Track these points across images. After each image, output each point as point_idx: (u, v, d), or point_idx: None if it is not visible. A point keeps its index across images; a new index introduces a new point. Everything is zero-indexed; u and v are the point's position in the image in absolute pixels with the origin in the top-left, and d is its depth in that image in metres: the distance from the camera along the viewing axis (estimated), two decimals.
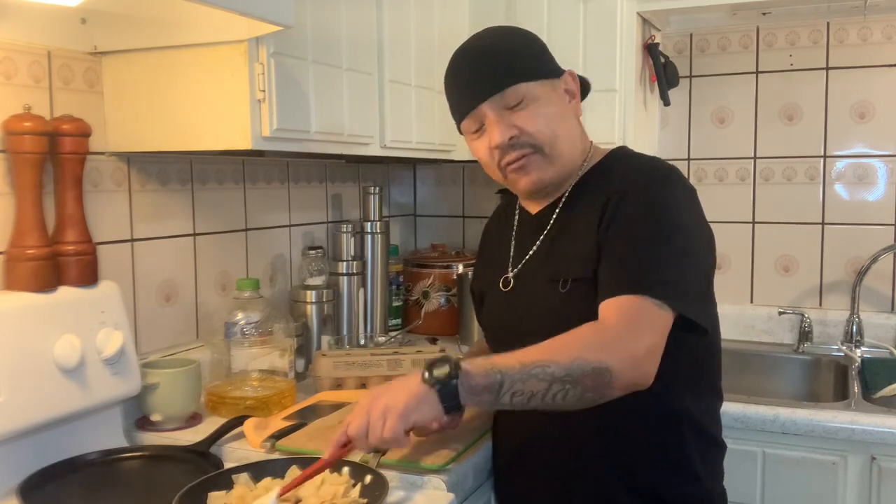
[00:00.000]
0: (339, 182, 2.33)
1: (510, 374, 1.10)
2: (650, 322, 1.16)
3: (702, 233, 1.29)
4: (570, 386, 1.11)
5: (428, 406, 1.11)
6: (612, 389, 1.13)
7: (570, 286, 1.28)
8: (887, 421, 1.72)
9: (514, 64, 1.30)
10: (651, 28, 2.32)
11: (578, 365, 1.11)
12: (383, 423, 1.11)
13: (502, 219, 1.52)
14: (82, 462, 1.34)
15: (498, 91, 1.29)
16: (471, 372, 1.11)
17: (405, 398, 1.11)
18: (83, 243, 1.42)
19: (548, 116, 1.30)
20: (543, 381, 1.10)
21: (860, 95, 2.34)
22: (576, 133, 1.37)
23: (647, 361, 1.14)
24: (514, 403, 1.11)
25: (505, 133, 1.29)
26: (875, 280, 2.33)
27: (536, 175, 1.33)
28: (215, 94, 1.44)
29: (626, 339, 1.14)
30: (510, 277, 1.42)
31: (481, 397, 1.11)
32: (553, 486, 1.36)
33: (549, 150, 1.31)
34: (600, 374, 1.11)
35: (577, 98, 1.38)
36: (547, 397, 1.11)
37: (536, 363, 1.11)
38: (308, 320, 1.97)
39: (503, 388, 1.10)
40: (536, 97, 1.30)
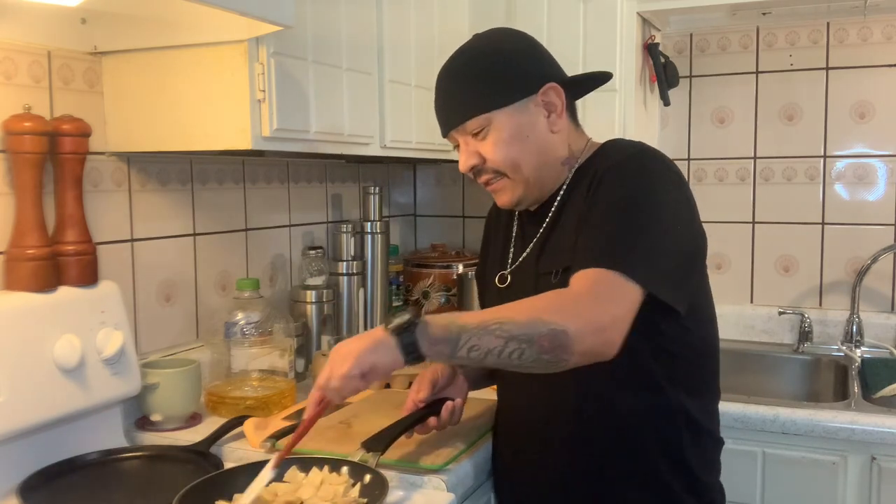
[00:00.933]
0: (339, 182, 2.33)
1: (468, 328, 1.12)
2: (617, 294, 1.16)
3: (681, 212, 1.27)
4: (526, 345, 1.11)
5: (385, 350, 1.12)
6: (570, 354, 1.12)
7: (562, 276, 1.28)
8: (887, 421, 1.72)
9: (477, 95, 1.32)
10: (651, 28, 2.32)
11: (535, 325, 1.11)
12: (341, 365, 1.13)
13: (502, 214, 1.52)
14: (82, 462, 1.34)
15: (460, 123, 1.34)
16: (430, 323, 1.13)
17: (365, 342, 1.14)
18: (83, 243, 1.42)
19: (507, 143, 1.32)
20: (500, 339, 1.11)
21: (860, 95, 2.34)
22: (547, 147, 1.35)
23: (610, 330, 1.14)
24: (472, 358, 1.13)
25: (468, 161, 1.35)
26: (875, 280, 2.33)
27: (508, 196, 1.38)
28: (215, 94, 1.44)
29: (590, 307, 1.14)
30: (506, 274, 1.43)
31: (439, 348, 1.12)
32: (553, 485, 1.36)
33: (513, 175, 1.34)
34: (556, 335, 1.10)
35: (559, 110, 1.35)
36: (503, 354, 1.12)
37: (495, 320, 1.12)
38: (308, 320, 1.97)
39: (460, 342, 1.12)
40: (498, 125, 1.32)
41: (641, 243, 1.19)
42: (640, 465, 1.30)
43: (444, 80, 1.37)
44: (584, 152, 1.40)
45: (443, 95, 1.37)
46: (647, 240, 1.20)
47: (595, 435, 1.31)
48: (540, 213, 1.40)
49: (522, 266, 1.41)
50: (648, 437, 1.30)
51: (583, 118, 1.43)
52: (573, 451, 1.33)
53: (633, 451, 1.30)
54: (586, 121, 1.44)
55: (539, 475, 1.38)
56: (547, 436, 1.35)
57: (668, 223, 1.24)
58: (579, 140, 1.41)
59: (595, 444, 1.31)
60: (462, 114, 1.33)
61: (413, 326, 1.12)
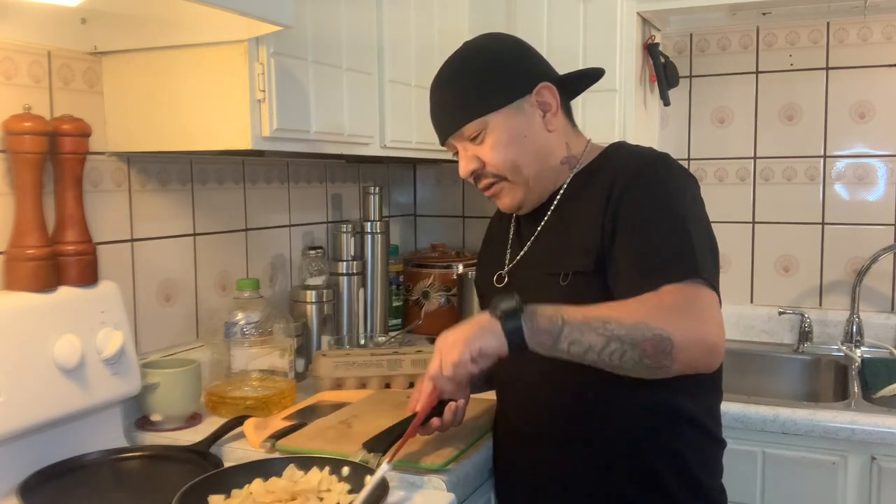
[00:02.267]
0: (339, 182, 2.33)
1: (572, 322, 1.13)
2: (708, 303, 1.17)
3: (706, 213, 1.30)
4: (629, 347, 1.12)
5: (492, 336, 1.14)
6: (672, 362, 1.13)
7: (572, 279, 1.29)
8: (887, 421, 1.72)
9: (471, 100, 1.33)
10: (651, 28, 2.32)
11: (640, 328, 1.12)
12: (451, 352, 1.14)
13: (503, 215, 1.53)
14: (82, 462, 1.34)
15: (457, 129, 1.34)
16: (536, 312, 1.14)
17: (471, 328, 1.15)
18: (83, 243, 1.42)
19: (505, 145, 1.33)
20: (602, 336, 1.12)
21: (860, 95, 2.34)
22: (545, 147, 1.36)
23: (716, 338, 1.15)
24: (572, 353, 1.14)
25: (467, 166, 1.36)
26: (875, 280, 2.33)
27: (509, 199, 1.38)
28: (215, 94, 1.44)
29: (694, 318, 1.15)
30: (504, 273, 1.43)
31: (541, 338, 1.13)
32: (553, 485, 1.36)
33: (512, 177, 1.35)
34: (661, 341, 1.11)
35: (554, 109, 1.36)
36: (604, 353, 1.13)
37: (600, 318, 1.13)
38: (308, 320, 1.97)
39: (563, 334, 1.13)
40: (494, 128, 1.32)
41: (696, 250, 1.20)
42: (640, 466, 1.30)
43: (437, 89, 1.38)
44: (586, 154, 1.40)
45: (437, 104, 1.38)
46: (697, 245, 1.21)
47: (595, 435, 1.31)
48: (537, 213, 1.40)
49: (521, 265, 1.41)
50: (649, 437, 1.30)
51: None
52: (573, 451, 1.33)
53: (634, 452, 1.30)
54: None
55: (539, 476, 1.38)
56: (547, 436, 1.35)
57: (702, 226, 1.26)
58: (578, 140, 1.41)
59: (595, 444, 1.31)
60: (458, 120, 1.34)
61: (519, 313, 1.13)
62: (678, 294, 1.17)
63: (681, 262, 1.19)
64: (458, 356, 1.14)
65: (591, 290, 1.25)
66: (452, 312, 2.38)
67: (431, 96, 1.39)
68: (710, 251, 1.25)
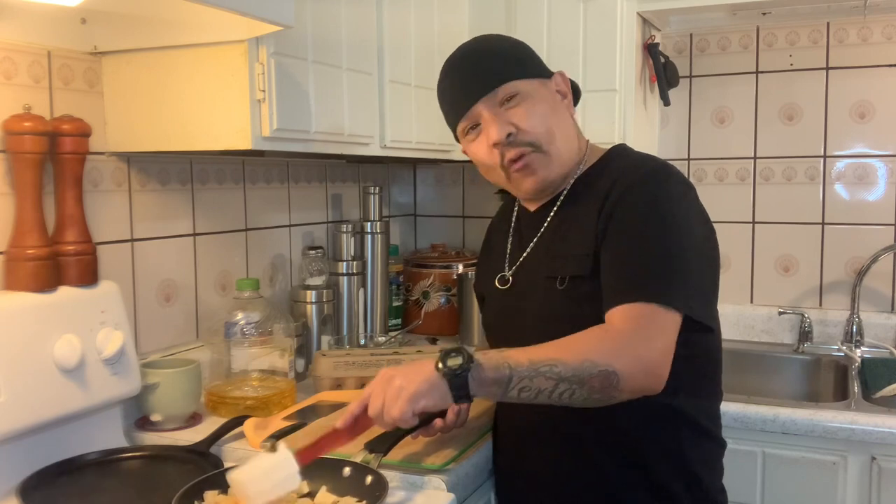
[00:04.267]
0: (339, 182, 2.33)
1: (519, 370, 1.12)
2: (660, 327, 1.17)
3: (703, 228, 1.29)
4: (577, 386, 1.13)
5: (438, 393, 1.13)
6: (620, 392, 1.15)
7: (568, 283, 1.29)
8: (887, 421, 1.72)
9: (505, 63, 1.33)
10: (651, 28, 2.32)
11: (586, 367, 1.12)
12: (395, 404, 1.13)
13: (503, 218, 1.53)
14: (82, 462, 1.34)
15: (491, 89, 1.31)
16: (482, 365, 1.13)
17: (417, 383, 1.13)
18: (83, 243, 1.42)
19: (541, 114, 1.32)
20: (551, 380, 1.12)
21: (860, 95, 2.34)
22: (571, 131, 1.38)
23: (660, 366, 1.16)
24: (522, 398, 1.14)
25: (503, 130, 1.30)
26: (875, 280, 2.33)
27: (542, 174, 1.34)
28: (215, 94, 1.44)
29: (637, 345, 1.15)
30: (507, 276, 1.43)
31: (490, 389, 1.13)
32: (553, 485, 1.36)
33: (548, 147, 1.32)
34: (607, 376, 1.13)
35: (569, 98, 1.39)
36: (553, 395, 1.13)
37: (545, 361, 1.13)
38: (308, 320, 1.97)
39: (511, 383, 1.13)
40: (529, 94, 1.31)
41: (674, 268, 1.20)
42: (640, 467, 1.30)
43: (460, 61, 1.36)
44: (587, 157, 1.40)
45: (469, 68, 1.34)
46: (677, 263, 1.21)
47: (595, 437, 1.31)
48: (539, 215, 1.40)
49: (524, 268, 1.41)
50: (649, 438, 1.30)
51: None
52: (573, 452, 1.33)
53: (634, 453, 1.30)
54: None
55: (539, 476, 1.38)
56: (547, 437, 1.35)
57: (693, 242, 1.25)
58: (582, 139, 1.41)
59: (595, 445, 1.31)
60: (497, 78, 1.31)
61: (465, 371, 1.12)
62: (628, 320, 1.17)
63: (653, 281, 1.19)
64: (398, 413, 1.12)
65: (587, 294, 1.25)
66: (452, 312, 2.38)
67: (454, 69, 1.36)
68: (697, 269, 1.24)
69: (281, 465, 1.11)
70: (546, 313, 1.32)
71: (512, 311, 1.40)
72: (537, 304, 1.34)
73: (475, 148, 1.35)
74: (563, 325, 1.28)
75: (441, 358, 1.14)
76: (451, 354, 1.13)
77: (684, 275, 1.21)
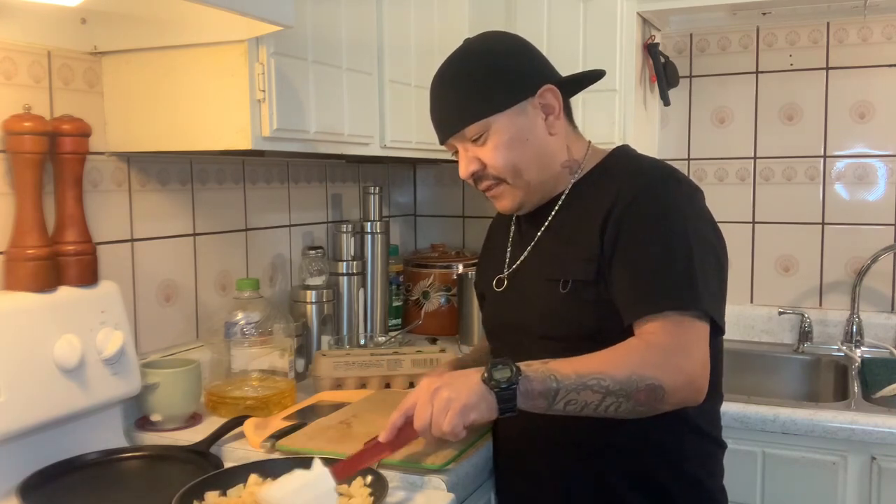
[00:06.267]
0: (339, 182, 2.33)
1: (566, 383, 1.13)
2: (697, 338, 1.18)
3: (713, 231, 1.29)
4: (623, 399, 1.13)
5: (486, 406, 1.13)
6: (664, 405, 1.16)
7: (571, 287, 1.28)
8: (887, 421, 1.72)
9: (472, 100, 1.31)
10: (651, 28, 2.32)
11: (633, 381, 1.13)
12: (444, 416, 1.13)
13: (503, 217, 1.53)
14: (82, 462, 1.34)
15: (458, 130, 1.33)
16: (529, 377, 1.13)
17: (466, 395, 1.13)
18: (83, 243, 1.42)
19: (507, 147, 1.31)
20: (598, 394, 1.13)
21: (860, 95, 2.34)
22: (547, 150, 1.35)
23: (702, 378, 1.17)
24: (567, 411, 1.14)
25: (468, 168, 1.34)
26: (875, 280, 2.33)
27: (508, 202, 1.37)
28: (215, 94, 1.44)
29: (680, 359, 1.16)
30: (504, 277, 1.42)
31: (536, 402, 1.13)
32: (553, 485, 1.36)
33: (513, 180, 1.34)
34: (653, 390, 1.13)
35: (557, 111, 1.35)
36: (600, 409, 1.14)
37: (592, 375, 1.13)
38: (308, 320, 1.97)
39: (558, 397, 1.13)
40: (497, 130, 1.31)
41: (696, 276, 1.20)
42: (640, 468, 1.30)
43: (439, 88, 1.36)
44: (587, 159, 1.39)
45: (438, 103, 1.36)
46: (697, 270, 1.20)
47: (595, 437, 1.30)
48: (538, 217, 1.40)
49: (523, 268, 1.41)
50: (649, 440, 1.29)
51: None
52: (573, 452, 1.33)
53: (634, 455, 1.30)
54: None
55: (539, 476, 1.38)
56: (546, 437, 1.35)
57: (706, 247, 1.25)
58: (579, 143, 1.40)
59: (595, 446, 1.31)
60: (460, 121, 1.32)
61: (514, 383, 1.12)
62: (668, 332, 1.17)
63: (680, 291, 1.19)
64: (449, 427, 1.12)
65: (589, 298, 1.25)
66: (452, 312, 2.38)
67: (432, 95, 1.38)
68: (713, 274, 1.24)
69: (316, 482, 1.08)
70: (547, 316, 1.31)
71: (512, 312, 1.40)
72: (538, 306, 1.34)
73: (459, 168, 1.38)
74: (563, 327, 1.28)
75: (488, 370, 1.13)
76: (498, 367, 1.13)
77: (705, 281, 1.21)
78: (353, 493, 1.17)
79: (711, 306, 1.20)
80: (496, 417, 1.14)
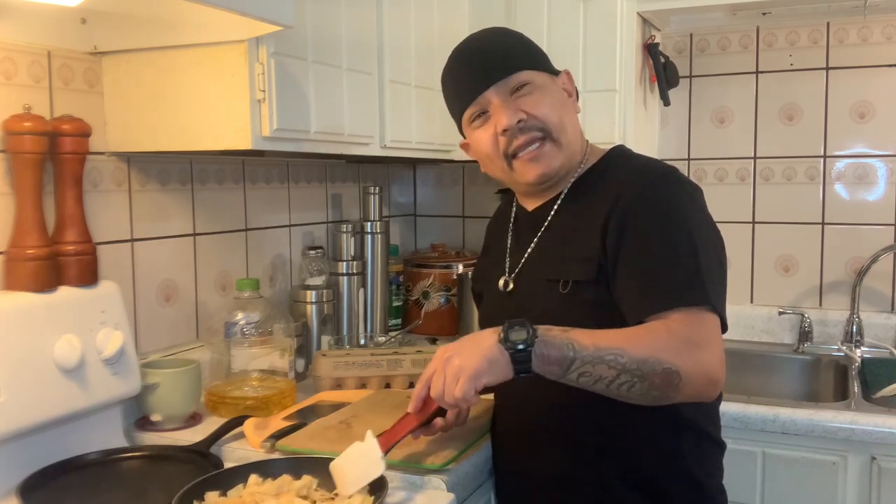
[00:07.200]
0: (339, 182, 2.33)
1: (583, 353, 1.12)
2: (713, 333, 1.17)
3: (715, 230, 1.30)
4: (638, 380, 1.12)
5: (498, 368, 1.12)
6: (678, 394, 1.14)
7: (571, 287, 1.28)
8: (887, 421, 1.72)
9: (518, 53, 1.34)
10: (651, 28, 2.32)
11: (651, 362, 1.12)
12: (456, 384, 1.13)
13: (501, 218, 1.53)
14: (82, 462, 1.34)
15: (504, 76, 1.30)
16: (546, 342, 1.12)
17: (478, 360, 1.12)
18: (83, 243, 1.42)
19: (553, 104, 1.32)
20: (613, 369, 1.12)
21: (860, 95, 2.34)
22: (577, 126, 1.38)
23: (718, 374, 1.16)
24: (580, 383, 1.13)
25: (513, 116, 1.29)
26: (875, 280, 2.33)
27: (547, 163, 1.32)
28: (215, 94, 1.44)
29: (700, 351, 1.15)
30: (509, 279, 1.42)
31: (550, 368, 1.12)
32: (553, 485, 1.36)
33: (558, 136, 1.32)
34: (670, 375, 1.12)
35: (574, 97, 1.40)
36: (612, 385, 1.13)
37: (611, 350, 1.12)
38: (308, 320, 1.97)
39: (573, 366, 1.12)
40: (540, 85, 1.32)
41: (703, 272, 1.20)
42: (640, 469, 1.30)
43: (471, 50, 1.35)
44: (587, 157, 1.39)
45: (481, 55, 1.33)
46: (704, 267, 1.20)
47: (595, 438, 1.31)
48: (538, 214, 1.40)
49: (524, 269, 1.40)
50: (649, 440, 1.30)
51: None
52: (573, 453, 1.33)
53: (634, 455, 1.30)
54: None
55: (539, 476, 1.38)
56: (547, 437, 1.35)
57: (708, 245, 1.25)
58: (582, 140, 1.41)
59: (594, 446, 1.31)
60: (511, 65, 1.31)
61: (530, 345, 1.11)
62: (686, 324, 1.16)
63: (691, 287, 1.18)
64: (461, 392, 1.12)
65: (590, 298, 1.25)
66: (452, 312, 2.38)
67: (465, 54, 1.35)
68: (717, 272, 1.24)
69: (369, 450, 1.16)
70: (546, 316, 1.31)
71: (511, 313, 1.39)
72: (538, 307, 1.33)
73: (479, 135, 1.34)
74: None
75: (505, 330, 1.13)
76: (515, 328, 1.12)
77: (711, 278, 1.21)
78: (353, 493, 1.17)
79: (719, 303, 1.20)
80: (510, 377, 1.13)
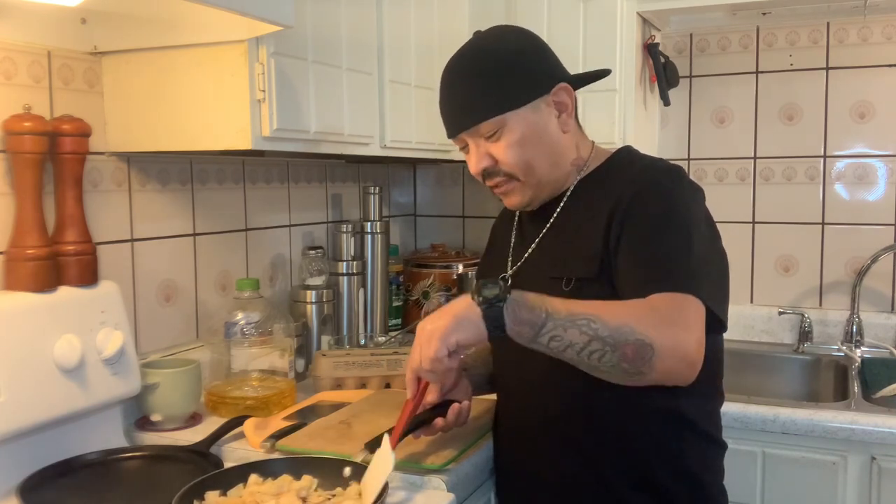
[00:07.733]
0: (339, 182, 2.33)
1: (555, 316, 1.11)
2: (695, 318, 1.16)
3: (715, 231, 1.30)
4: (610, 349, 1.10)
5: (470, 325, 1.11)
6: (651, 370, 1.11)
7: (574, 285, 1.28)
8: (887, 421, 1.72)
9: (487, 97, 1.30)
10: (651, 28, 2.32)
11: (624, 332, 1.10)
12: (428, 346, 1.12)
13: (506, 216, 1.53)
14: (82, 462, 1.34)
15: (473, 125, 1.31)
16: (519, 301, 1.11)
17: (447, 319, 1.12)
18: (83, 243, 1.42)
19: (521, 145, 1.30)
20: (585, 335, 1.10)
21: (860, 95, 2.34)
22: (559, 148, 1.35)
23: (695, 356, 1.14)
24: (551, 347, 1.12)
25: (480, 163, 1.33)
26: (875, 280, 2.33)
27: (518, 198, 1.37)
28: (215, 94, 1.44)
29: (677, 329, 1.13)
30: (508, 276, 1.42)
31: (522, 329, 1.11)
32: (553, 486, 1.36)
33: (524, 178, 1.33)
34: (642, 347, 1.10)
35: (569, 109, 1.35)
36: (583, 352, 1.11)
37: (584, 315, 1.11)
38: (308, 320, 1.97)
39: (545, 329, 1.11)
40: (511, 127, 1.30)
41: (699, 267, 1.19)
42: (640, 469, 1.30)
43: (452, 81, 1.34)
44: (592, 158, 1.39)
45: (451, 96, 1.34)
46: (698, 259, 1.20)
47: (595, 437, 1.31)
48: (541, 215, 1.40)
49: (527, 266, 1.41)
50: (650, 440, 1.30)
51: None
52: (573, 452, 1.33)
53: (634, 454, 1.30)
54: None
55: (539, 476, 1.38)
56: (547, 437, 1.35)
57: (708, 245, 1.25)
58: (584, 142, 1.41)
59: (595, 446, 1.31)
60: (474, 116, 1.30)
61: (502, 301, 1.10)
62: (666, 301, 1.15)
63: (679, 275, 1.18)
64: (433, 352, 1.12)
65: (592, 295, 1.25)
66: None
67: (443, 88, 1.35)
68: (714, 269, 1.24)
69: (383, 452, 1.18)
70: None
71: None
72: None
73: (467, 159, 1.37)
74: None
75: (477, 288, 1.12)
76: (488, 285, 1.12)
77: (707, 272, 1.21)
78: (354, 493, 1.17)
79: (711, 296, 1.19)
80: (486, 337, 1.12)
